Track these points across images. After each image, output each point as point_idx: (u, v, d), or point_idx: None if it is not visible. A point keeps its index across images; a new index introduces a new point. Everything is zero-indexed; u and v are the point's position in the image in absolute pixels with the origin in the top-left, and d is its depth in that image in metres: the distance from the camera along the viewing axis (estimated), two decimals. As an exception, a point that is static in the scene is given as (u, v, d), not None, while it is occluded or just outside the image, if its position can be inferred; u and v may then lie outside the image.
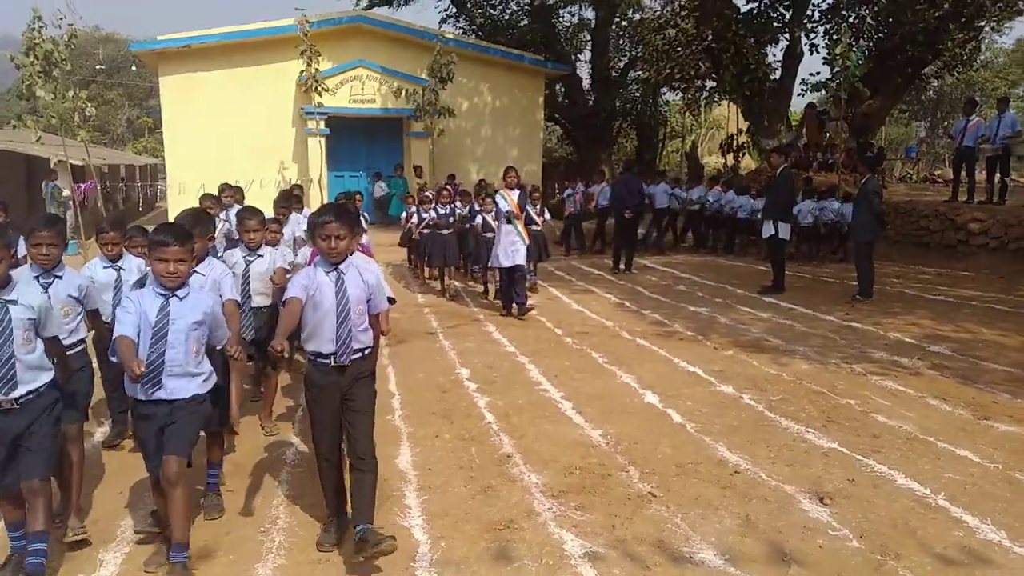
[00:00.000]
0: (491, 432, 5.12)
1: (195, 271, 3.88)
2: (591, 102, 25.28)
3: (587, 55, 26.55)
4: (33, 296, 3.30)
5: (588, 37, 25.42)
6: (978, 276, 11.36)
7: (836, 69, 14.22)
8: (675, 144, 32.39)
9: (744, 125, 20.96)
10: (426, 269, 11.71)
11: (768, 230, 10.27)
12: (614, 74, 24.88)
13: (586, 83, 26.04)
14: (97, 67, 46.13)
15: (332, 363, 3.44)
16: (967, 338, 7.48)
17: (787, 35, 17.62)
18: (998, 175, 13.08)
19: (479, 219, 9.99)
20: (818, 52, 17.10)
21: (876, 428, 5.01)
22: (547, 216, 10.93)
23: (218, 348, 3.66)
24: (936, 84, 35.05)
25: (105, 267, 4.67)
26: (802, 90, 18.51)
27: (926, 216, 13.47)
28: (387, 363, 6.96)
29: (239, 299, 4.37)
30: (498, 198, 9.02)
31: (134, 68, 44.57)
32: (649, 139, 27.30)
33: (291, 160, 17.63)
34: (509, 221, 8.74)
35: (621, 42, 24.49)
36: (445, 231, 10.51)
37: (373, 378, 3.65)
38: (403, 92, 16.60)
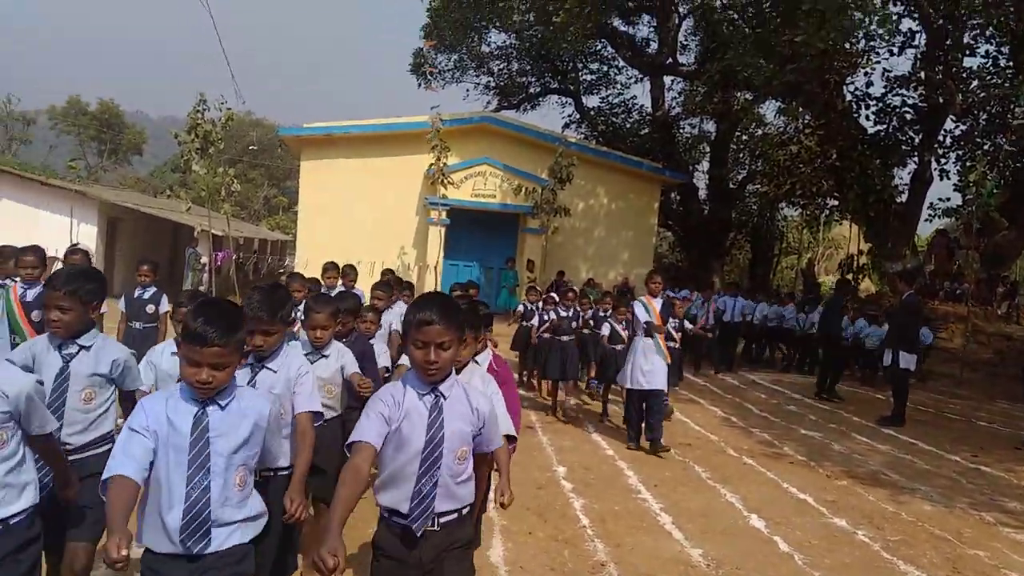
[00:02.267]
0: (586, 537, 4.99)
1: (265, 367, 3.01)
2: (706, 211, 25.30)
3: (705, 165, 26.82)
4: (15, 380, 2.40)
5: (707, 148, 25.68)
6: None
7: (968, 196, 13.67)
8: (790, 260, 31.72)
9: (865, 246, 20.35)
10: (540, 382, 10.00)
11: (889, 359, 9.77)
12: (731, 186, 24.90)
13: (703, 193, 26.17)
14: (250, 147, 50.40)
15: (406, 524, 2.38)
16: (1118, 498, 6.74)
17: (916, 159, 17.19)
18: None
19: (607, 327, 8.95)
20: (948, 178, 16.56)
21: (1011, 588, 4.55)
22: (688, 326, 9.65)
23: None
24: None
25: (174, 352, 3.23)
26: (930, 215, 17.85)
27: (1070, 358, 12.46)
28: (485, 453, 6.96)
29: (320, 409, 3.13)
30: (637, 306, 7.68)
31: (279, 150, 48.40)
32: (764, 253, 26.87)
33: (411, 246, 18.43)
34: (649, 334, 7.43)
35: (741, 155, 24.58)
36: (565, 337, 8.91)
37: (470, 549, 2.57)
38: (523, 190, 17.19)
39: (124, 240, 20.14)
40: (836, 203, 17.50)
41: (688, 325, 9.91)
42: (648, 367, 7.36)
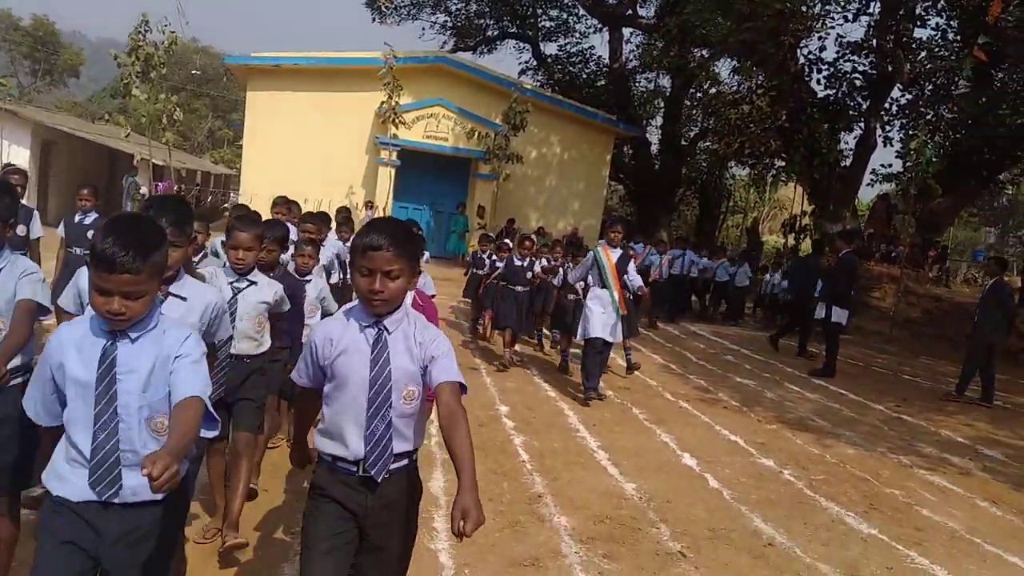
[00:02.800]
0: (524, 471, 5.11)
1: (171, 293, 2.63)
2: (657, 167, 25.48)
3: (659, 121, 26.91)
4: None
5: (661, 104, 25.73)
6: (1040, 387, 10.95)
7: (908, 163, 14.08)
8: (736, 219, 32.32)
9: (809, 208, 20.83)
10: (492, 330, 9.50)
11: (822, 313, 10.11)
12: (683, 142, 25.09)
13: (655, 148, 26.31)
14: (192, 72, 48.34)
15: (359, 472, 2.20)
16: (1021, 445, 7.21)
17: (862, 125, 17.56)
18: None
19: (560, 275, 8.60)
20: (892, 145, 17.01)
21: (920, 521, 4.84)
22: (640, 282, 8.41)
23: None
24: (1010, 191, 34.44)
25: None
26: (872, 180, 18.38)
27: (990, 320, 13.09)
28: (429, 390, 7.01)
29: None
30: (591, 258, 7.35)
31: (224, 80, 46.61)
32: (711, 210, 27.30)
33: (360, 186, 18.12)
34: (604, 285, 7.21)
35: (694, 112, 24.71)
36: (520, 288, 8.51)
37: (415, 506, 2.37)
38: (475, 134, 17.00)
39: (59, 165, 19.26)
40: (783, 164, 17.81)
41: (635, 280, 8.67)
42: (607, 319, 7.06)
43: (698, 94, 24.39)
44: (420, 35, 26.73)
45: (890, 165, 16.16)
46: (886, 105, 17.76)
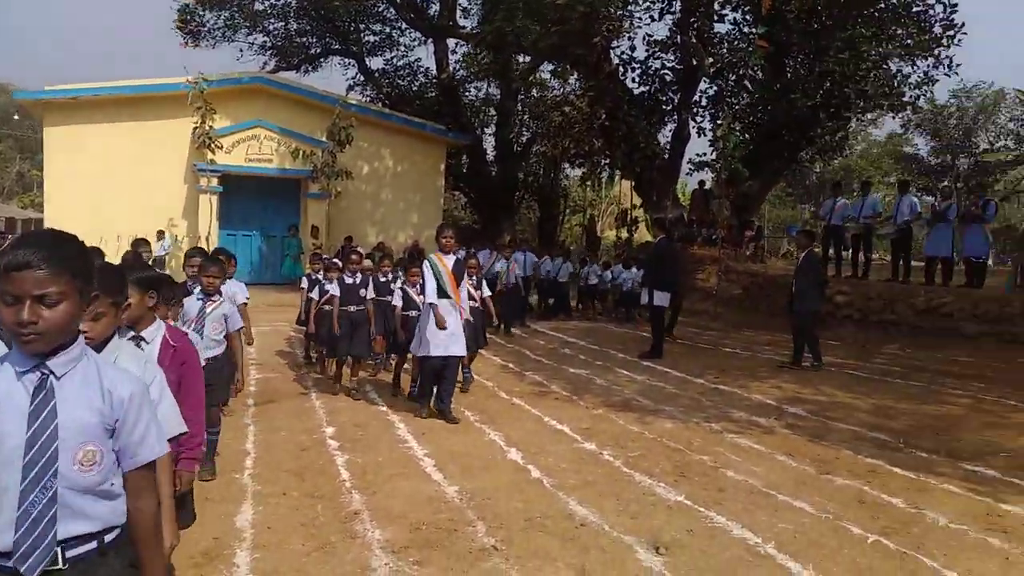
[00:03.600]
0: (343, 490, 4.95)
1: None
2: (495, 172, 25.92)
3: (493, 128, 27.38)
4: None
5: (493, 112, 26.20)
6: (843, 345, 12.05)
7: (716, 151, 15.14)
8: (578, 218, 33.46)
9: (639, 201, 21.93)
10: (329, 362, 8.50)
11: (645, 298, 10.64)
12: (517, 147, 25.66)
13: (491, 155, 26.74)
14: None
15: (11, 567, 1.65)
16: (823, 400, 7.89)
17: (675, 117, 18.70)
18: (862, 252, 14.10)
19: (399, 295, 7.86)
20: (705, 134, 18.21)
21: (723, 482, 5.15)
22: (486, 291, 8.67)
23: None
24: (818, 170, 37.95)
25: None
26: (690, 169, 19.60)
27: (798, 289, 14.29)
28: (248, 422, 6.69)
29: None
30: (425, 266, 6.82)
31: (16, 118, 42.76)
32: (550, 211, 28.12)
33: (181, 216, 17.10)
34: (443, 294, 6.69)
35: (525, 117, 25.34)
36: (353, 308, 7.76)
37: None
38: (300, 153, 16.52)
39: None
40: (607, 161, 18.63)
41: (483, 292, 8.57)
42: (444, 333, 6.63)
43: (527, 99, 25.09)
44: (238, 57, 25.66)
45: (705, 154, 17.26)
46: (696, 98, 19.03)
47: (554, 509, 4.61)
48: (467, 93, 25.96)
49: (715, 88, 18.89)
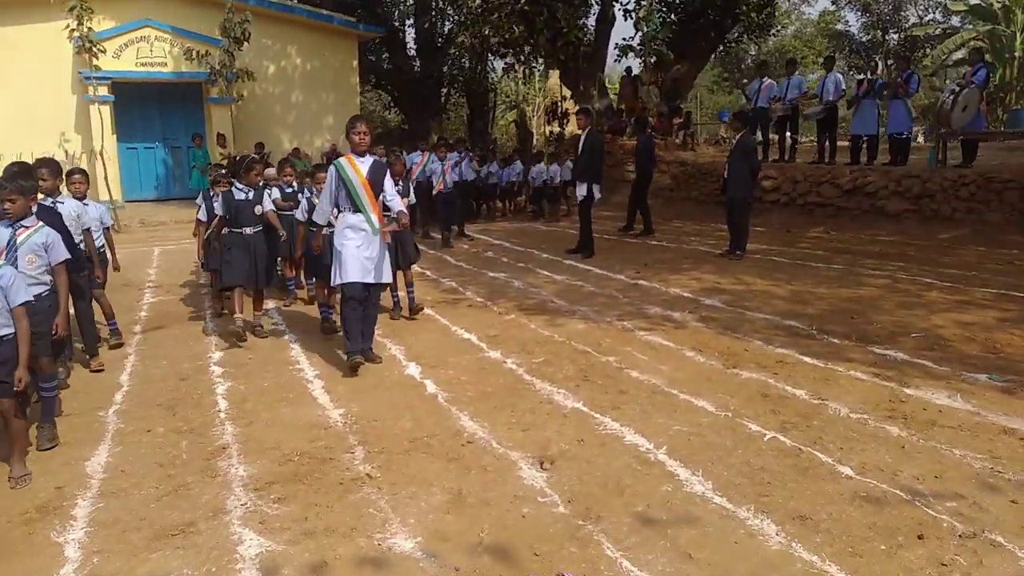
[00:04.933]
0: (216, 422, 4.54)
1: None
2: (417, 68, 24.62)
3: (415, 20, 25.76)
4: None
5: (411, 1, 24.61)
6: (769, 230, 11.93)
7: (640, 33, 14.40)
8: (513, 114, 32.38)
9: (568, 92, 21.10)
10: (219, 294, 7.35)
11: (581, 192, 10.12)
12: (440, 40, 24.30)
13: (413, 49, 25.34)
14: None
15: None
16: (741, 290, 7.70)
17: (599, 0, 17.75)
18: (789, 134, 13.81)
19: (303, 206, 6.95)
20: (630, 17, 17.32)
21: (626, 384, 4.91)
22: (412, 198, 7.79)
23: None
24: (753, 53, 37.25)
25: None
26: (617, 56, 18.78)
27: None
28: (130, 352, 6.17)
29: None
30: (332, 174, 5.37)
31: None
32: (480, 108, 27.06)
33: (74, 131, 15.74)
34: (358, 209, 5.33)
35: (445, 5, 23.87)
36: (249, 229, 6.31)
37: None
38: (195, 54, 15.17)
39: None
40: (530, 50, 17.66)
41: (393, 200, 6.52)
42: (367, 253, 5.31)
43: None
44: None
45: (632, 38, 16.43)
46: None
47: (443, 427, 4.30)
48: (382, -20, 24.21)
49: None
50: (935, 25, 27.12)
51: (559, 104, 22.82)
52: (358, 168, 5.33)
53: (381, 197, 5.44)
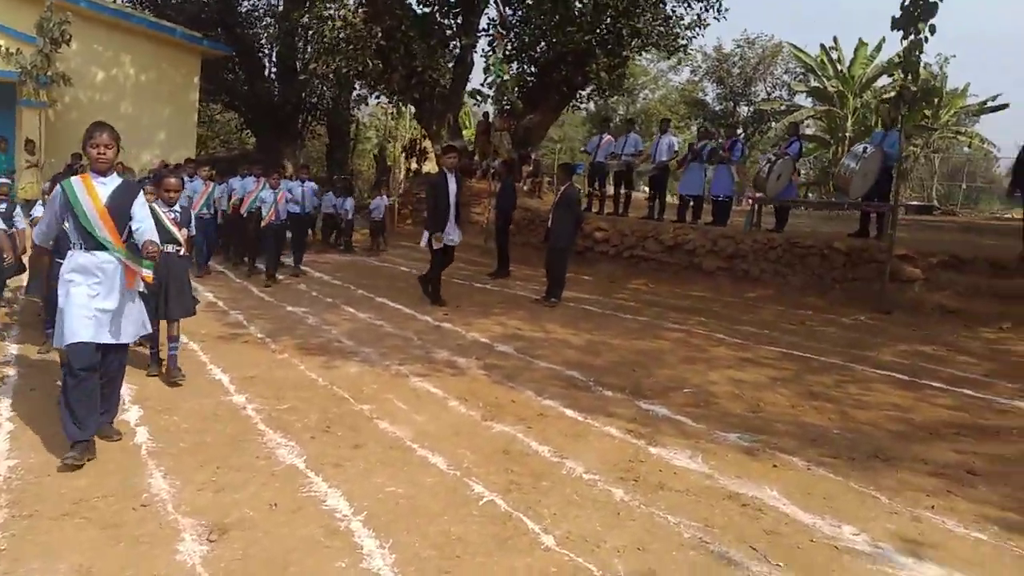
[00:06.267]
0: None
1: None
2: (275, 92, 23.72)
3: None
4: None
5: (273, 25, 23.77)
6: (595, 279, 12.01)
7: (490, 81, 14.41)
8: (373, 145, 31.85)
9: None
10: None
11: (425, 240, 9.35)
12: (299, 66, 23.54)
13: (272, 72, 24.43)
14: None
15: None
16: (539, 337, 7.50)
17: (458, 43, 17.73)
18: (623, 188, 14.11)
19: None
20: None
21: (366, 436, 4.46)
22: (191, 228, 6.08)
23: None
24: (622, 112, 38.82)
25: None
26: (476, 101, 18.79)
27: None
28: None
29: None
30: (59, 193, 4.09)
31: None
32: (341, 138, 26.38)
33: None
34: (95, 247, 4.03)
35: (310, 32, 23.20)
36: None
37: None
38: (6, 51, 13.74)
39: None
40: (383, 86, 17.30)
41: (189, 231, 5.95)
42: (101, 304, 4.02)
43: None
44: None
45: (483, 84, 16.45)
46: (482, 24, 18.13)
47: (124, 486, 3.66)
48: (245, 1, 23.29)
49: (498, 15, 18.04)
50: (780, 102, 29.21)
51: (418, 141, 22.63)
52: (95, 191, 3.99)
53: (129, 228, 4.07)
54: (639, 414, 5.11)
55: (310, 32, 22.04)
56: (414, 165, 22.88)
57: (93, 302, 3.98)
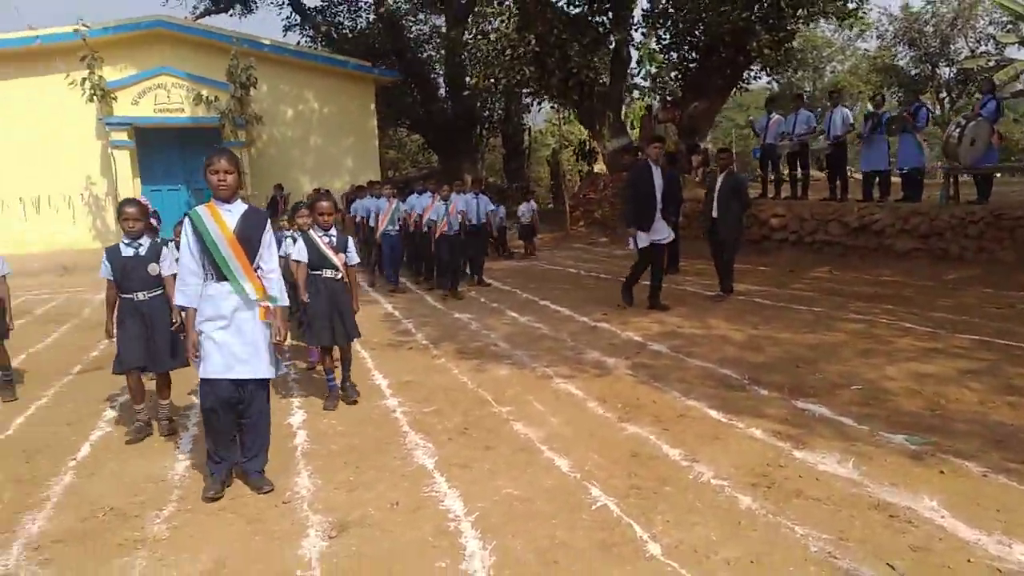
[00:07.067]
0: (61, 471, 4.37)
1: None
2: (449, 110, 24.86)
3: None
4: None
5: (439, 46, 24.97)
6: (774, 269, 11.32)
7: (644, 72, 14.10)
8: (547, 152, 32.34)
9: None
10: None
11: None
12: (469, 81, 24.50)
13: (444, 91, 25.63)
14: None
15: None
16: (698, 334, 7.19)
17: (612, 40, 17.52)
18: (800, 170, 13.16)
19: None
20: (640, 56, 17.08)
21: (500, 438, 4.52)
22: (353, 256, 5.58)
23: None
24: (808, 89, 36.30)
25: None
26: (638, 95, 18.49)
27: (736, 214, 13.42)
28: (50, 391, 6.12)
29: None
30: (186, 231, 3.88)
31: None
32: (515, 148, 27.08)
33: (99, 175, 16.38)
34: (225, 275, 3.84)
35: (469, 49, 24.13)
36: (143, 295, 4.90)
37: None
38: (205, 99, 15.61)
39: None
40: (543, 91, 17.49)
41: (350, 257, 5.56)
42: (235, 338, 3.85)
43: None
44: (163, 3, 24.49)
45: (636, 75, 16.17)
46: (636, 17, 17.80)
47: (277, 484, 3.98)
48: (411, 26, 24.65)
49: (650, 5, 17.55)
50: (988, 57, 25.72)
51: (587, 143, 22.67)
52: (222, 219, 3.83)
53: (258, 259, 3.89)
54: (792, 414, 4.72)
55: (469, 48, 22.98)
56: (585, 167, 22.96)
57: (226, 336, 3.81)
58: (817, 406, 4.86)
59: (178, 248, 4.18)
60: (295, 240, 5.72)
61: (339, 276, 5.45)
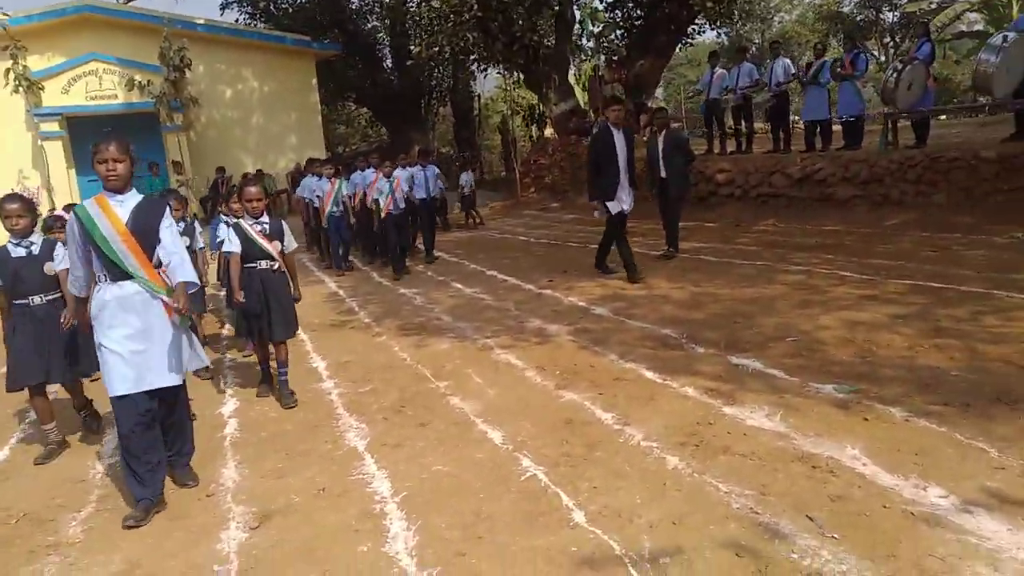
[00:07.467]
0: (-23, 478, 4.21)
1: None
2: (395, 81, 24.41)
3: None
4: None
5: (384, 16, 24.40)
6: (720, 225, 11.36)
7: (585, 31, 13.92)
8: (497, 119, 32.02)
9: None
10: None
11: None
12: (411, 51, 24.03)
13: (389, 63, 25.15)
14: None
15: None
16: (639, 296, 7.19)
17: (555, 0, 17.25)
18: (744, 124, 13.18)
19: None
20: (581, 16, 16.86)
21: (435, 414, 4.46)
22: (291, 241, 5.18)
23: None
24: (757, 41, 36.29)
25: None
26: (584, 57, 18.30)
27: (681, 171, 13.42)
28: None
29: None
30: (74, 221, 3.54)
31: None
32: (465, 116, 26.75)
33: (32, 168, 15.78)
34: (122, 273, 3.49)
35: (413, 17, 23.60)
36: (38, 299, 4.39)
37: None
38: (136, 84, 15.06)
39: None
40: (483, 57, 17.19)
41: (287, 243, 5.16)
42: (137, 345, 3.48)
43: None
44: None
45: (578, 36, 15.95)
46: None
47: (203, 476, 3.88)
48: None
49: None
50: (930, 0, 26.02)
51: (535, 108, 22.46)
52: (113, 212, 3.45)
53: (158, 251, 3.52)
54: (726, 370, 4.74)
55: (412, 16, 22.47)
56: (536, 132, 22.77)
57: (130, 343, 3.43)
58: (751, 360, 4.89)
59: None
60: (228, 225, 5.35)
61: (275, 267, 4.98)
